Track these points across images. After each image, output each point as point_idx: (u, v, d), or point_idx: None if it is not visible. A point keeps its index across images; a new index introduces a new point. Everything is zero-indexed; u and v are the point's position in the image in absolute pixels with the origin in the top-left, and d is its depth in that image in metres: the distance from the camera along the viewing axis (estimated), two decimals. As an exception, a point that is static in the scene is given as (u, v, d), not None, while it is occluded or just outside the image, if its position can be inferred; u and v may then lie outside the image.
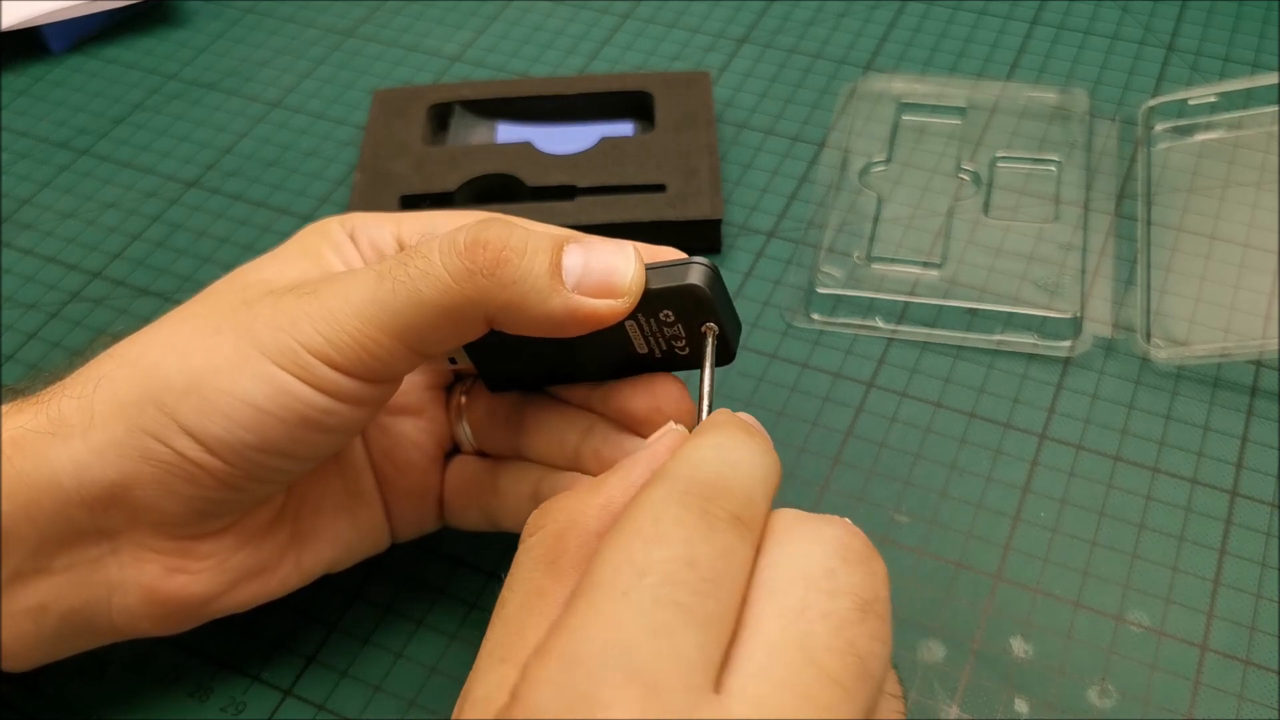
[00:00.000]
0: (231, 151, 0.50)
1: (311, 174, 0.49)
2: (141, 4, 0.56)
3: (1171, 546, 0.35)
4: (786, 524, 0.24)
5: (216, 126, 0.51)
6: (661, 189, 0.44)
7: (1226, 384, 0.39)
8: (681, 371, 0.30)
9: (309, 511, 0.32)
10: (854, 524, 0.24)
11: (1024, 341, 0.41)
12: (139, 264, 0.46)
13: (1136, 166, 0.45)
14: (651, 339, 0.29)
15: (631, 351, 0.29)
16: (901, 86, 0.49)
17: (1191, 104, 0.46)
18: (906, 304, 0.42)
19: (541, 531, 0.25)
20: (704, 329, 0.28)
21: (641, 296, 0.28)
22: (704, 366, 0.28)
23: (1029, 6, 0.53)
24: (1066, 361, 0.40)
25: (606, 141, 0.46)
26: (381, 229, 0.32)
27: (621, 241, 0.28)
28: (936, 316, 0.41)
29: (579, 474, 0.31)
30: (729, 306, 0.29)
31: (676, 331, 0.29)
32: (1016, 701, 0.32)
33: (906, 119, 0.48)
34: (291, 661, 0.34)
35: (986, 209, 0.44)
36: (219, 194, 0.48)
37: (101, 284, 0.45)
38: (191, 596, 0.30)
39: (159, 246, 0.46)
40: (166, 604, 0.29)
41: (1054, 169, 0.45)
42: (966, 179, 0.46)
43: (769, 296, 0.43)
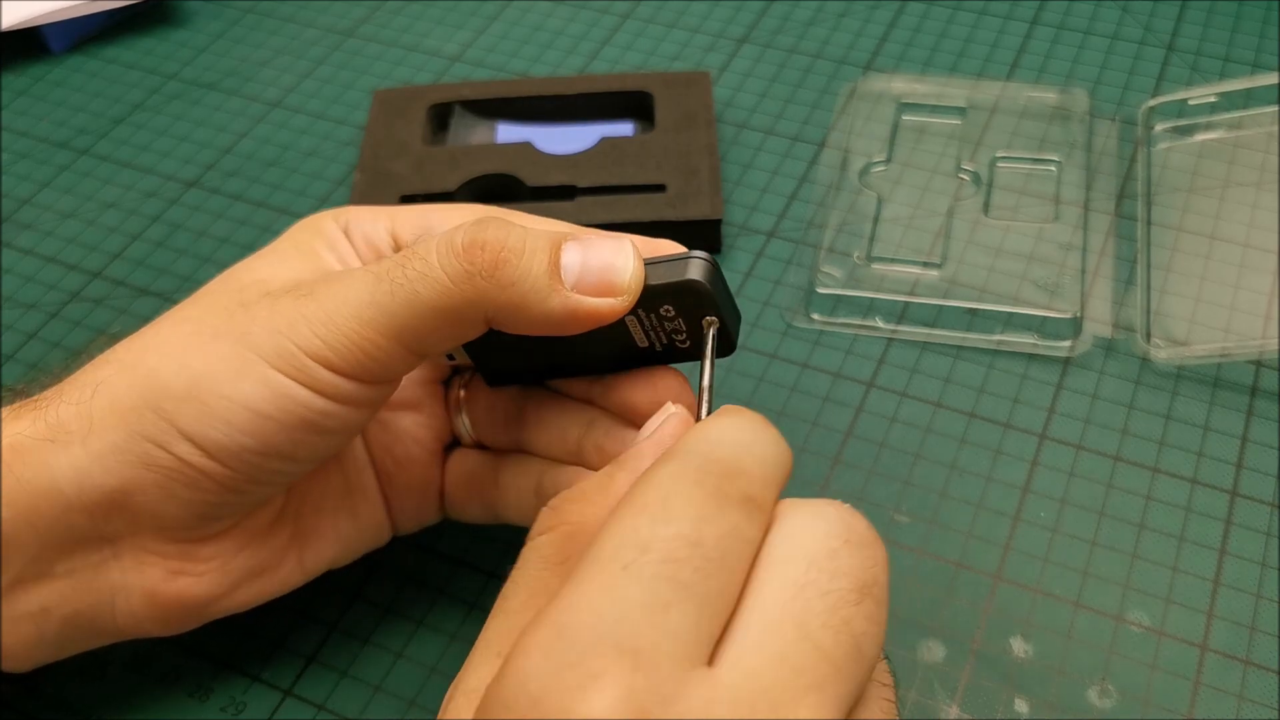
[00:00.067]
0: (231, 151, 0.50)
1: (311, 174, 0.49)
2: (141, 4, 0.56)
3: (1171, 546, 0.35)
4: (792, 506, 0.24)
5: (216, 126, 0.51)
6: (661, 189, 0.44)
7: (1226, 384, 0.39)
8: (682, 364, 0.30)
9: (310, 510, 0.32)
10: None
11: (1024, 341, 0.41)
12: (139, 264, 0.46)
13: (1136, 166, 0.45)
14: (652, 333, 0.29)
15: (631, 345, 0.29)
16: (901, 86, 0.49)
17: (1191, 104, 0.46)
18: (906, 304, 0.42)
19: (551, 533, 0.25)
20: (704, 322, 0.28)
21: (641, 292, 0.27)
22: (705, 359, 0.28)
23: (1029, 6, 0.53)
24: (1066, 361, 0.40)
25: (606, 141, 0.46)
26: (376, 224, 0.32)
27: (620, 237, 0.28)
28: (936, 316, 0.41)
29: (581, 468, 0.31)
30: (729, 299, 0.29)
31: (677, 325, 0.28)
32: (1016, 701, 0.32)
33: (906, 119, 0.48)
34: (291, 661, 0.34)
35: (986, 209, 0.44)
36: (219, 194, 0.48)
37: (101, 284, 0.45)
38: (194, 598, 0.30)
39: (159, 246, 0.46)
40: (169, 606, 0.29)
41: (1054, 169, 0.45)
42: (966, 179, 0.46)
43: (769, 296, 0.43)
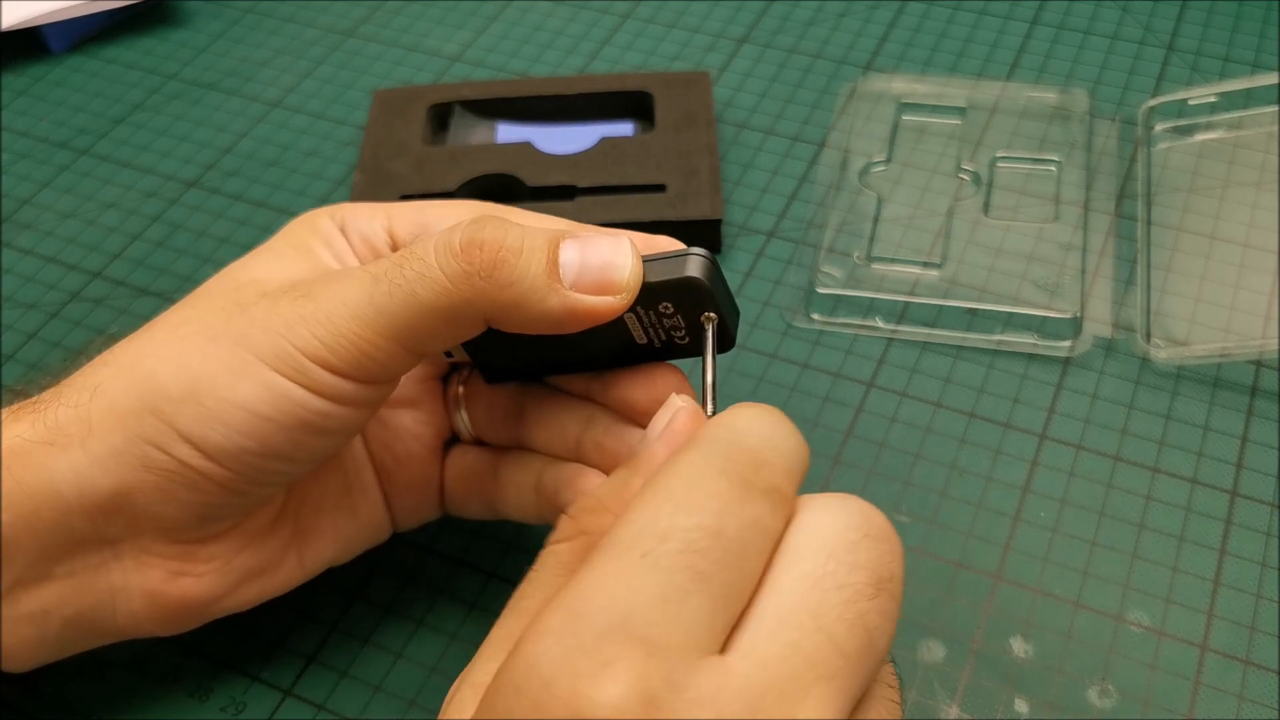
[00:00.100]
0: (231, 151, 0.50)
1: (311, 174, 0.49)
2: (141, 4, 0.56)
3: (1171, 546, 0.35)
4: (812, 500, 0.24)
5: (216, 126, 0.51)
6: (661, 189, 0.44)
7: (1226, 384, 0.39)
8: (681, 360, 0.30)
9: (310, 509, 0.32)
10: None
11: (1024, 341, 0.41)
12: (139, 264, 0.46)
13: (1136, 166, 0.45)
14: (650, 330, 0.29)
15: (630, 342, 0.29)
16: (901, 86, 0.49)
17: (1191, 104, 0.46)
18: (906, 304, 0.42)
19: (570, 543, 0.25)
20: (703, 319, 0.28)
21: (640, 290, 0.27)
22: (706, 356, 0.28)
23: (1029, 6, 0.53)
24: (1066, 361, 0.40)
25: (606, 141, 0.46)
26: (372, 221, 0.31)
27: (618, 234, 0.28)
28: (936, 316, 0.41)
29: (582, 465, 0.31)
30: (727, 295, 0.28)
31: (676, 322, 0.28)
32: (1016, 701, 0.32)
33: (906, 119, 0.48)
34: (291, 661, 0.34)
35: (986, 209, 0.44)
36: (219, 194, 0.48)
37: (101, 284, 0.45)
38: (195, 598, 0.30)
39: (159, 246, 0.46)
40: (170, 607, 0.29)
41: (1054, 169, 0.45)
42: (966, 179, 0.46)
43: (769, 296, 0.43)
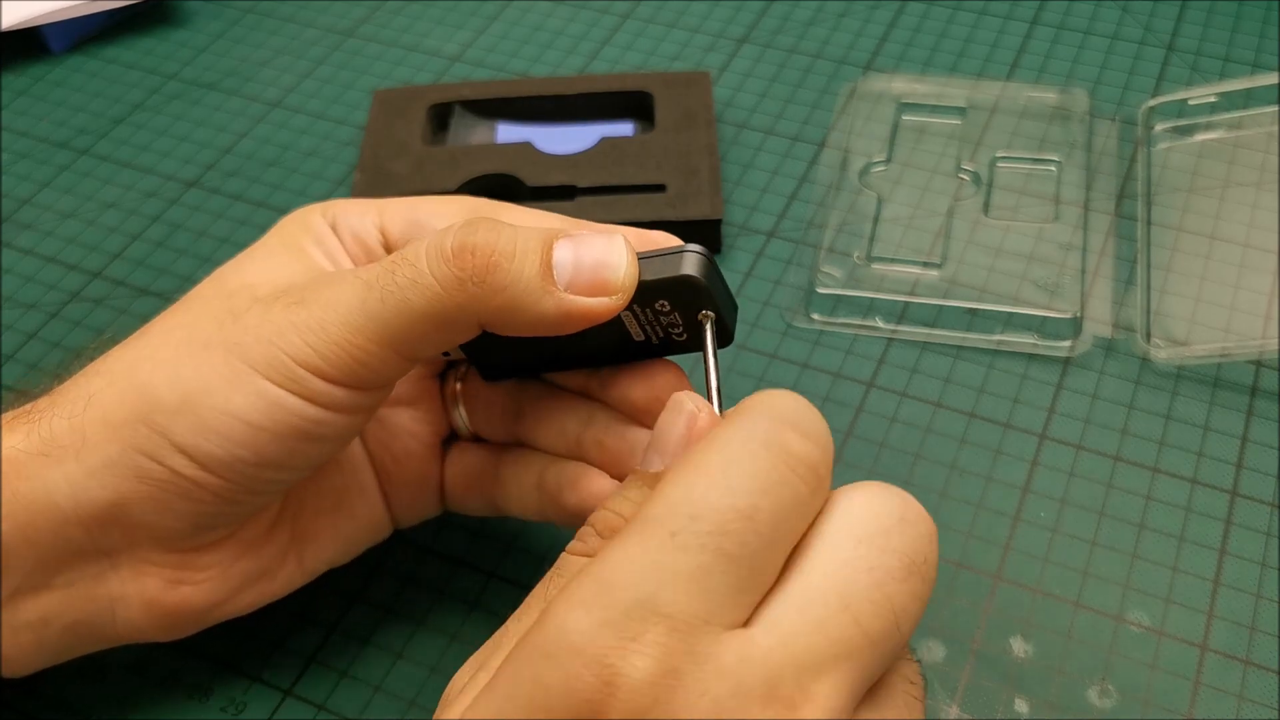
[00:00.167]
0: (231, 151, 0.50)
1: (311, 174, 0.49)
2: (141, 4, 0.56)
3: (1171, 546, 0.35)
4: (848, 487, 0.24)
5: (216, 126, 0.51)
6: (661, 189, 0.44)
7: (1226, 384, 0.39)
8: (680, 356, 0.30)
9: (308, 511, 0.32)
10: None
11: (1024, 341, 0.41)
12: (139, 264, 0.46)
13: (1136, 166, 0.45)
14: (648, 327, 0.29)
15: (628, 339, 0.29)
16: (901, 86, 0.49)
17: (1191, 104, 0.46)
18: (906, 304, 0.42)
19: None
20: (701, 317, 0.28)
21: (636, 289, 0.27)
22: (706, 353, 0.28)
23: (1029, 6, 0.53)
24: (1066, 361, 0.40)
25: (606, 141, 0.46)
26: (363, 219, 0.31)
27: (612, 231, 0.27)
28: (936, 316, 0.41)
29: (584, 464, 0.30)
30: (725, 291, 0.28)
31: (673, 320, 0.28)
32: (1016, 701, 0.32)
33: (906, 119, 0.48)
34: (291, 662, 0.34)
35: (986, 209, 0.44)
36: (219, 194, 0.48)
37: (101, 284, 0.45)
38: (194, 606, 0.30)
39: (159, 246, 0.46)
40: (169, 614, 0.29)
41: (1054, 169, 0.45)
42: (966, 179, 0.46)
43: (769, 296, 0.43)
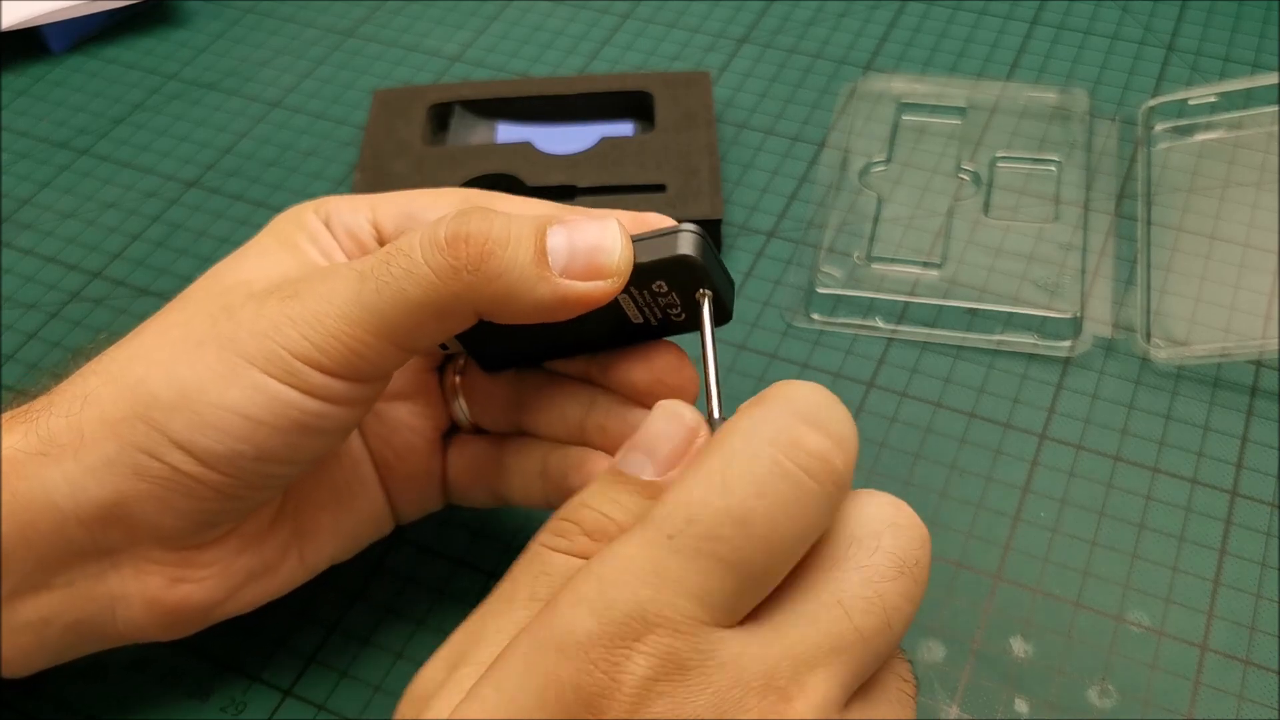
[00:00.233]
0: (231, 151, 0.50)
1: (311, 174, 0.49)
2: (141, 4, 0.56)
3: (1171, 546, 0.35)
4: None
5: (216, 126, 0.51)
6: (661, 189, 0.44)
7: (1226, 384, 0.39)
8: (680, 336, 0.30)
9: (309, 507, 0.32)
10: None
11: (1024, 341, 0.41)
12: (139, 264, 0.46)
13: (1136, 166, 0.45)
14: (645, 309, 0.28)
15: (626, 323, 0.29)
16: (901, 86, 0.49)
17: (1191, 104, 0.46)
18: (906, 304, 0.42)
19: (576, 558, 0.25)
20: (698, 296, 0.28)
21: (631, 271, 0.27)
22: (704, 332, 0.28)
23: (1029, 6, 0.53)
24: (1066, 361, 0.40)
25: (606, 141, 0.46)
26: (357, 214, 0.31)
27: (605, 215, 0.27)
28: (936, 316, 0.41)
29: (588, 449, 0.30)
30: (720, 268, 0.28)
31: (671, 300, 0.28)
32: (1016, 701, 0.32)
33: (906, 119, 0.48)
34: (291, 661, 0.34)
35: (986, 209, 0.44)
36: (219, 194, 0.48)
37: (101, 284, 0.45)
38: (196, 604, 0.29)
39: (159, 246, 0.46)
40: (171, 613, 0.29)
41: (1054, 169, 0.45)
42: (966, 179, 0.46)
43: (769, 296, 0.43)
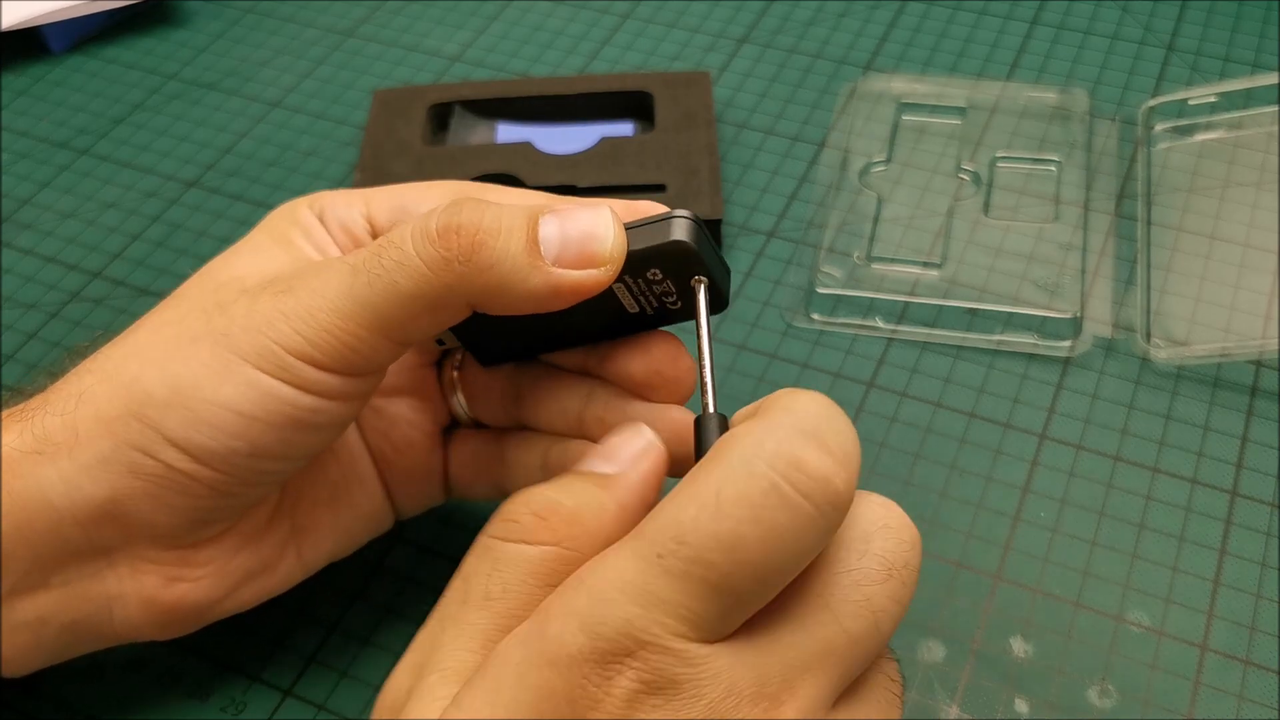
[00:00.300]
0: (231, 151, 0.50)
1: (311, 174, 0.49)
2: (141, 4, 0.56)
3: (1171, 546, 0.35)
4: None
5: (216, 126, 0.51)
6: (661, 189, 0.44)
7: (1226, 384, 0.39)
8: (678, 325, 0.30)
9: (306, 504, 0.32)
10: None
11: (1024, 341, 0.41)
12: (139, 264, 0.46)
13: (1136, 166, 0.45)
14: (641, 298, 0.28)
15: (622, 312, 0.29)
16: (901, 86, 0.49)
17: (1191, 104, 0.46)
18: (906, 304, 0.42)
19: (541, 549, 0.25)
20: (693, 282, 0.28)
21: (625, 259, 0.27)
22: (699, 319, 0.27)
23: (1029, 6, 0.53)
24: (1066, 361, 0.40)
25: (606, 141, 0.46)
26: (350, 209, 0.31)
27: (598, 204, 0.27)
28: (936, 316, 0.41)
29: (587, 442, 0.30)
30: (715, 255, 0.28)
31: (666, 288, 0.28)
32: (1016, 701, 0.32)
33: (906, 119, 0.48)
34: (291, 661, 0.34)
35: (986, 209, 0.44)
36: (219, 194, 0.48)
37: (101, 284, 0.45)
38: (193, 603, 0.29)
39: (159, 246, 0.46)
40: (168, 612, 0.29)
41: (1054, 169, 0.45)
42: (966, 179, 0.46)
43: (769, 296, 0.43)
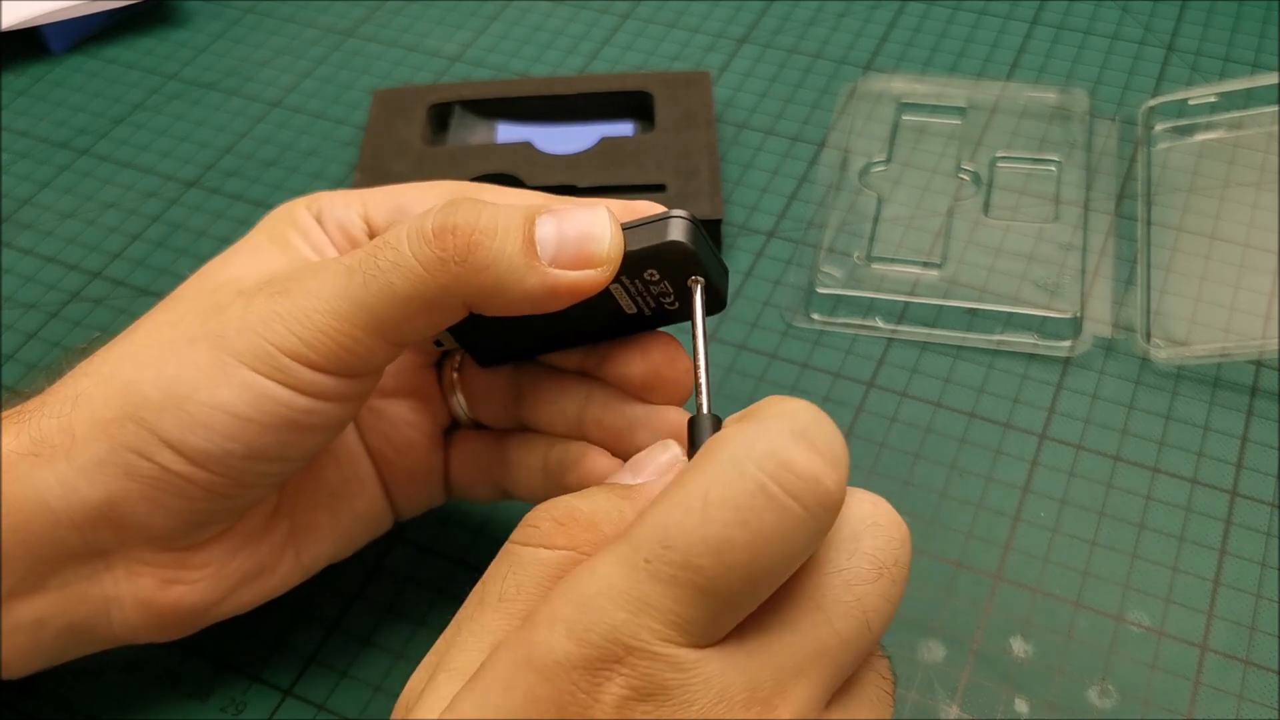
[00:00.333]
0: (231, 151, 0.50)
1: (311, 174, 0.49)
2: (141, 4, 0.56)
3: (1171, 546, 0.35)
4: None
5: (216, 126, 0.51)
6: (661, 189, 0.44)
7: (1226, 384, 0.39)
8: (676, 325, 0.30)
9: (305, 506, 0.32)
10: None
11: (1024, 341, 0.41)
12: (139, 264, 0.46)
13: (1136, 166, 0.45)
14: (639, 299, 0.28)
15: (620, 313, 0.29)
16: (901, 86, 0.49)
17: (1191, 104, 0.46)
18: (906, 304, 0.42)
19: (558, 553, 0.25)
20: (690, 283, 0.27)
21: (622, 259, 0.27)
22: (695, 320, 0.27)
23: (1029, 6, 0.53)
24: (1066, 361, 0.40)
25: (606, 141, 0.46)
26: (348, 209, 0.31)
27: (595, 204, 0.27)
28: (936, 316, 0.41)
29: (587, 444, 0.30)
30: (713, 255, 0.28)
31: (664, 288, 0.28)
32: (1016, 701, 0.32)
33: (906, 119, 0.48)
34: (291, 661, 0.34)
35: (986, 209, 0.44)
36: (219, 194, 0.48)
37: (101, 284, 0.45)
38: (190, 605, 0.29)
39: (159, 246, 0.46)
40: (165, 615, 0.29)
41: (1054, 169, 0.45)
42: (966, 179, 0.46)
43: (769, 296, 0.43)
